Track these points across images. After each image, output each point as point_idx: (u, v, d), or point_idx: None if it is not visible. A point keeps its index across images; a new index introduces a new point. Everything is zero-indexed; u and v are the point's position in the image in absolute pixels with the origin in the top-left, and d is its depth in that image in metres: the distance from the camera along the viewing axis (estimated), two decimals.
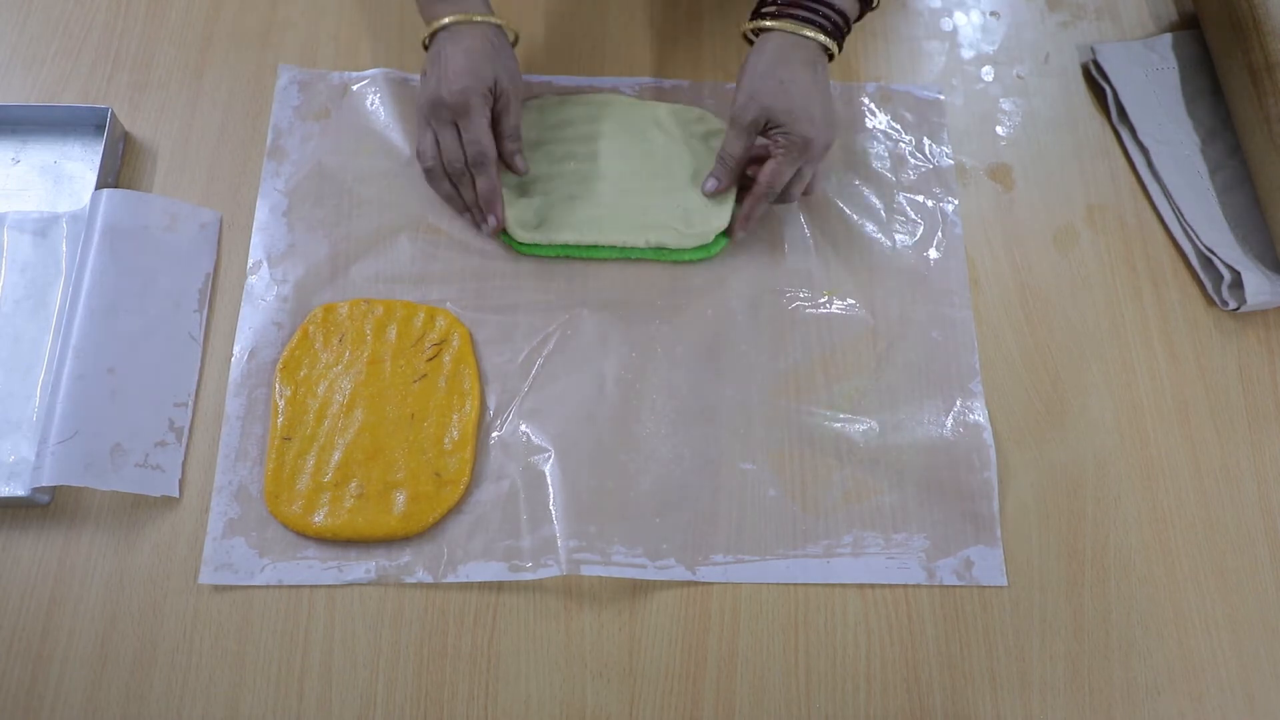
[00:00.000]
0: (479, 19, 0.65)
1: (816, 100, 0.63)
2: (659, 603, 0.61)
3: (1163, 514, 0.64)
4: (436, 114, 0.64)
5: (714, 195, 0.68)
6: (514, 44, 0.68)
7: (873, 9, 0.67)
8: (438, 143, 0.66)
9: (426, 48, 0.67)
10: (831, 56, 0.66)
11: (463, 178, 0.66)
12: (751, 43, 0.67)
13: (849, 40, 0.79)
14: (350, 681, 0.58)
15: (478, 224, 0.68)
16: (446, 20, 0.64)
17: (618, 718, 0.58)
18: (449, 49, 0.64)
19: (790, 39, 0.63)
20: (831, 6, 0.63)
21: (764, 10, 0.65)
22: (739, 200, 0.68)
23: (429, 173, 0.67)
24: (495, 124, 0.66)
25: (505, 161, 0.67)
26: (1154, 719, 0.59)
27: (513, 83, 0.65)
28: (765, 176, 0.65)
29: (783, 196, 0.67)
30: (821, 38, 0.63)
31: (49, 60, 0.75)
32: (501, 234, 0.69)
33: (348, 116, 0.73)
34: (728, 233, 0.69)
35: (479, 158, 0.64)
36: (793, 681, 0.59)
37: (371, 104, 0.74)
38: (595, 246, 0.69)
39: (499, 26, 0.66)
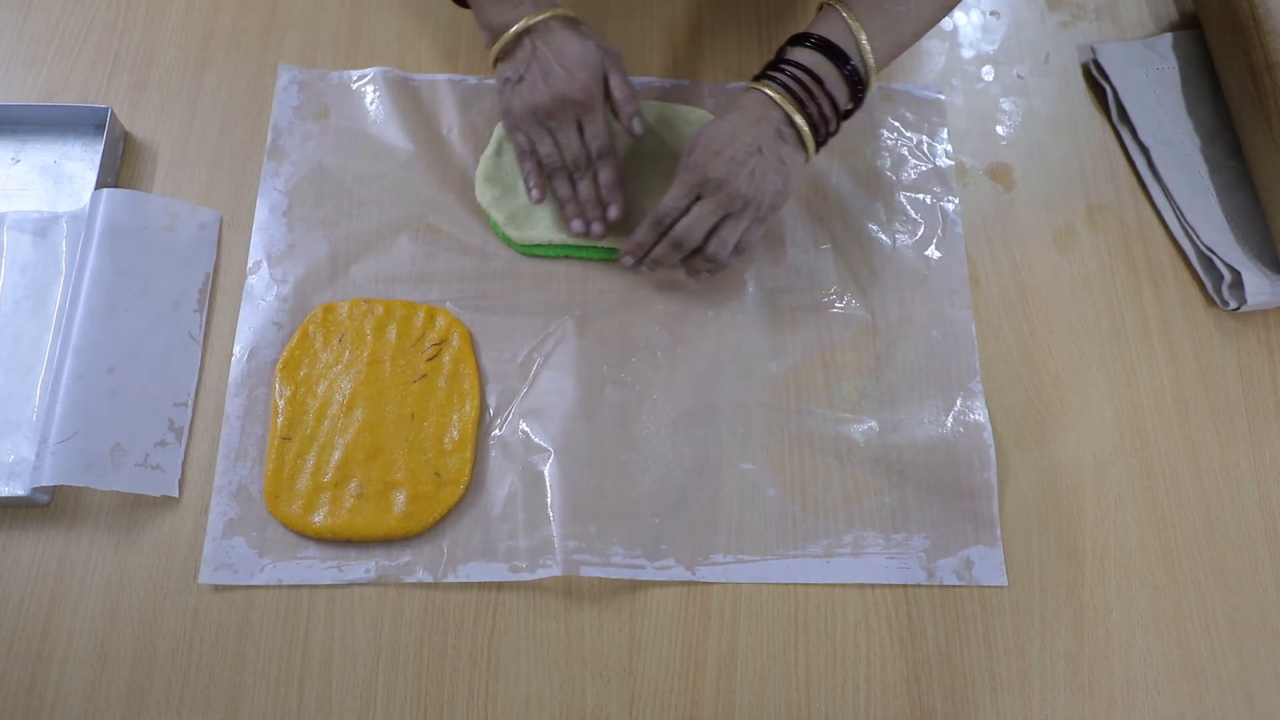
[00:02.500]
0: (558, 12, 0.62)
1: (749, 156, 0.59)
2: (659, 603, 0.61)
3: (1163, 514, 0.64)
4: (561, 112, 0.62)
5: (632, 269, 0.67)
6: None
7: (864, 91, 0.61)
8: (557, 143, 0.64)
9: (499, 60, 0.64)
10: (799, 131, 0.60)
11: (584, 174, 0.65)
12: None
13: None
14: (350, 681, 0.58)
15: (588, 225, 0.66)
16: (535, 20, 0.61)
17: (618, 718, 0.58)
18: (545, 49, 0.61)
19: (757, 96, 0.61)
20: (802, 67, 0.59)
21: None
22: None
23: (555, 174, 0.66)
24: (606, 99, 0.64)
25: (624, 126, 0.65)
26: (1154, 719, 0.59)
27: (611, 54, 0.63)
28: (680, 228, 0.62)
29: (709, 253, 0.63)
30: (777, 98, 0.59)
31: (49, 60, 0.75)
32: (501, 235, 0.69)
33: (347, 116, 0.73)
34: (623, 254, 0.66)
35: (604, 149, 0.63)
36: (793, 681, 0.59)
37: (371, 103, 0.74)
38: (595, 246, 0.69)
39: (571, 17, 0.63)
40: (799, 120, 0.60)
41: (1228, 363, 0.69)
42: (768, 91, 0.60)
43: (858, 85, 0.60)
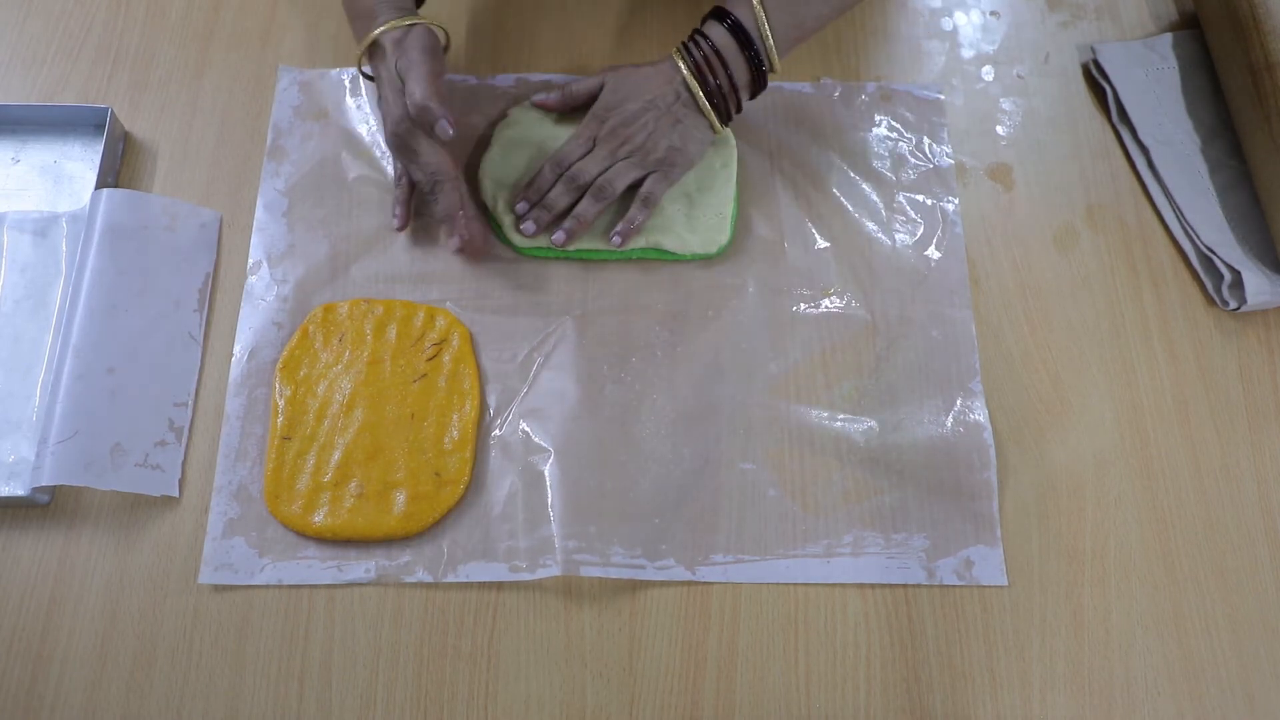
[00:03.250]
0: (391, 27, 0.63)
1: (645, 110, 0.65)
2: (659, 603, 0.61)
3: (1163, 514, 0.64)
4: (398, 146, 0.64)
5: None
6: (446, 44, 0.67)
7: (769, 72, 0.65)
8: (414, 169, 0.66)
9: (369, 77, 0.67)
10: (698, 101, 0.65)
11: (433, 197, 0.65)
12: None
13: (850, 39, 0.79)
14: (350, 681, 0.58)
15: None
16: (370, 39, 0.63)
17: (618, 717, 0.58)
18: (381, 79, 0.64)
19: (670, 61, 0.66)
20: (712, 44, 0.63)
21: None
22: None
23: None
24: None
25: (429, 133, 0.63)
26: (1154, 719, 0.59)
27: (410, 69, 0.61)
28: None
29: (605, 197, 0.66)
30: (683, 68, 0.64)
31: (49, 60, 0.75)
32: (500, 235, 0.69)
33: (348, 116, 0.73)
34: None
35: (435, 175, 0.64)
36: (792, 681, 0.59)
37: (372, 103, 0.74)
38: (596, 249, 0.69)
39: (407, 27, 0.63)
40: (698, 94, 0.65)
41: (1228, 363, 0.69)
42: (678, 62, 0.65)
43: (760, 69, 0.64)
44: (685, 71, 0.64)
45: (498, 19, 0.79)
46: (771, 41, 0.63)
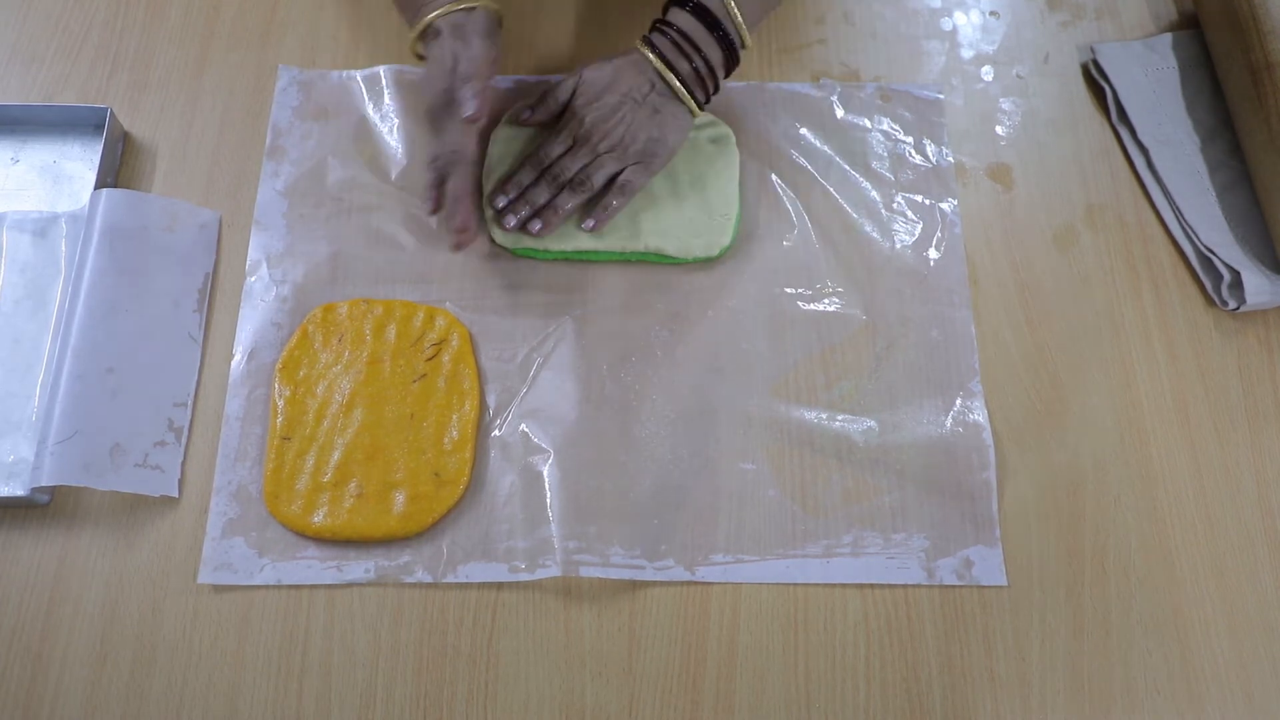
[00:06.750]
0: (452, 10, 0.63)
1: (622, 103, 0.65)
2: (658, 603, 0.61)
3: (1163, 514, 0.64)
4: (433, 125, 0.65)
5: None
6: (499, 24, 0.67)
7: (738, 51, 0.66)
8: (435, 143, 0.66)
9: (419, 56, 0.67)
10: (671, 87, 0.65)
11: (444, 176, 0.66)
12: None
13: (851, 39, 0.79)
14: (350, 681, 0.58)
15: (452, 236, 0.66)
16: (424, 24, 0.64)
17: (617, 717, 0.58)
18: (432, 59, 0.64)
19: (637, 54, 0.66)
20: (678, 29, 0.64)
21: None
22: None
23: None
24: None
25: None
26: (1154, 719, 0.59)
27: (467, 67, 0.63)
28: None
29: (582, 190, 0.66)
30: (652, 58, 0.64)
31: (49, 60, 0.75)
32: (498, 235, 0.69)
33: (347, 116, 0.73)
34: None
35: (451, 156, 0.64)
36: (792, 681, 0.59)
37: (371, 103, 0.74)
38: (595, 250, 0.69)
39: (467, 10, 0.64)
40: (673, 81, 0.65)
41: (1228, 363, 0.69)
42: (645, 52, 0.65)
43: (731, 47, 0.65)
44: (655, 61, 0.64)
45: None
46: (741, 19, 0.63)
